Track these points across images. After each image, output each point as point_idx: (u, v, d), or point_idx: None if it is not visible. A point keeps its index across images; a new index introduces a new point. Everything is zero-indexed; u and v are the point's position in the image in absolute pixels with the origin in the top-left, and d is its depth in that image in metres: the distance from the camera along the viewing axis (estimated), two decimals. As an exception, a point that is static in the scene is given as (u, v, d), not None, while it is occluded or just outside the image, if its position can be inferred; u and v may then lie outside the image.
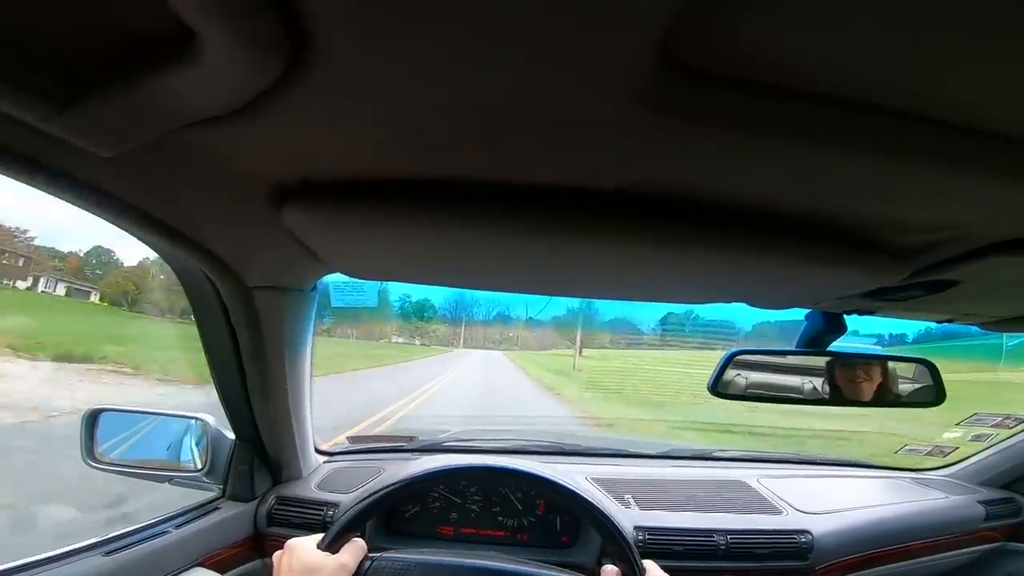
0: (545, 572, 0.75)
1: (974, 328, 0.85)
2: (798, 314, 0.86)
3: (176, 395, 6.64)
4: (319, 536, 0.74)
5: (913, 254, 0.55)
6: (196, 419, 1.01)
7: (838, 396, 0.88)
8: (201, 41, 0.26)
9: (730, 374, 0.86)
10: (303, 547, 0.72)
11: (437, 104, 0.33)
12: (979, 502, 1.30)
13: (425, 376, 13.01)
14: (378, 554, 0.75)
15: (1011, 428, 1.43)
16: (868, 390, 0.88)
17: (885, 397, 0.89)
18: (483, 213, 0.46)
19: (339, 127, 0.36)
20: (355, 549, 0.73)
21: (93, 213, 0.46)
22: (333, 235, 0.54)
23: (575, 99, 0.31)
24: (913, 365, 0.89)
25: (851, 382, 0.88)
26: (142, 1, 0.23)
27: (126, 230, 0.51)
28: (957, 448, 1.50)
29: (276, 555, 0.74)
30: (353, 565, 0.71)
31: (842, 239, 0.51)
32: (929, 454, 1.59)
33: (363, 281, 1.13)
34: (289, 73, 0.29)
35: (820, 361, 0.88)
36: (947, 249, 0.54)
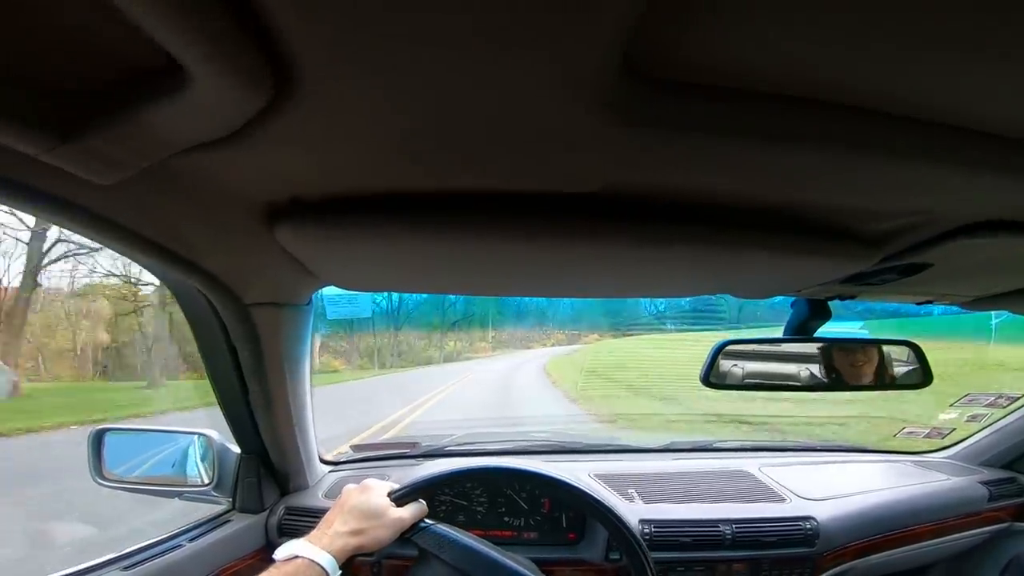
0: None
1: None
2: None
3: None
4: (393, 485, 0.79)
5: (884, 240, 0.57)
6: (200, 435, 1.03)
7: (828, 381, 0.89)
8: (189, 75, 0.27)
9: (721, 365, 0.88)
10: (377, 490, 0.76)
11: (416, 123, 0.34)
12: (981, 483, 1.31)
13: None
14: (432, 522, 0.78)
15: (1005, 407, 1.44)
16: (858, 374, 0.90)
17: (874, 380, 0.91)
18: (469, 222, 0.47)
19: (325, 148, 0.38)
20: (417, 509, 0.77)
21: (93, 239, 0.48)
22: (325, 251, 0.55)
23: (546, 111, 0.33)
24: (900, 348, 0.90)
25: (840, 367, 0.89)
26: (134, 38, 0.24)
27: (125, 254, 0.53)
28: (955, 429, 1.51)
29: (347, 488, 0.78)
30: (409, 523, 0.75)
31: (816, 229, 0.53)
32: (928, 436, 1.60)
33: (356, 293, 1.15)
34: (275, 101, 0.31)
35: (809, 347, 0.89)
36: (916, 234, 0.55)
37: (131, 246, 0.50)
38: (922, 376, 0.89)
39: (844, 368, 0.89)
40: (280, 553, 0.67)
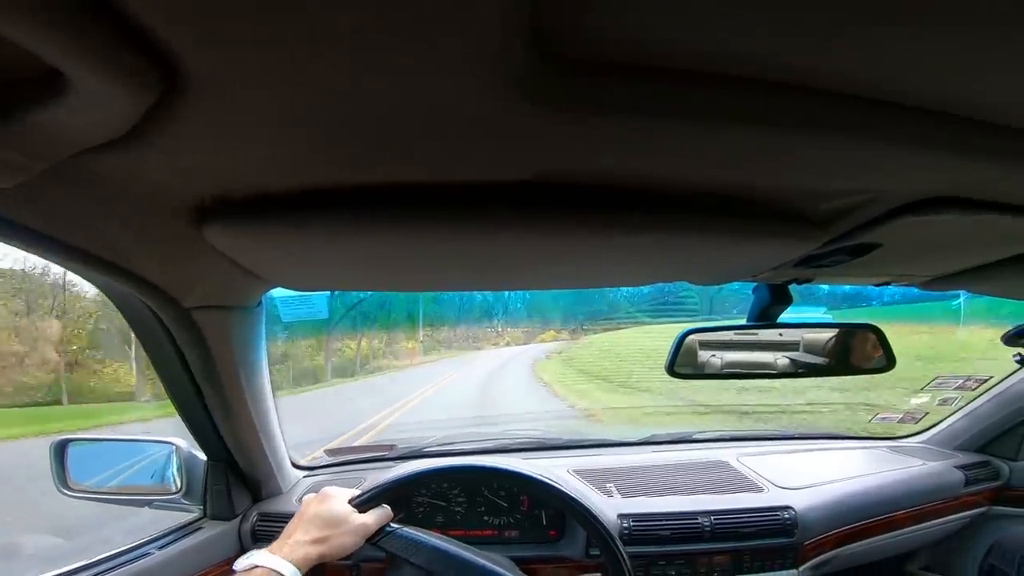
0: None
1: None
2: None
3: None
4: (353, 491, 0.78)
5: (831, 220, 0.56)
6: (167, 443, 1.02)
7: (792, 367, 0.90)
8: (68, 77, 0.27)
9: (685, 354, 0.88)
10: (336, 498, 0.76)
11: (320, 117, 0.33)
12: (956, 467, 1.32)
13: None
14: (398, 526, 0.78)
15: (974, 390, 1.46)
16: (821, 359, 0.90)
17: (838, 365, 0.91)
18: (403, 215, 0.46)
19: (234, 145, 0.37)
20: (381, 514, 0.77)
21: (9, 244, 0.47)
22: (258, 250, 0.54)
23: (458, 98, 0.32)
24: (861, 332, 0.91)
25: (804, 353, 0.90)
26: (6, 43, 0.24)
27: (49, 259, 0.51)
28: (928, 414, 1.53)
29: (307, 498, 0.77)
30: (374, 528, 0.75)
31: (762, 212, 0.53)
32: (901, 421, 1.61)
33: (311, 293, 1.13)
34: (166, 99, 0.30)
35: (772, 334, 0.90)
36: (863, 213, 0.55)
37: (45, 250, 0.49)
38: (885, 360, 0.90)
39: (807, 354, 0.90)
40: (240, 564, 0.66)
